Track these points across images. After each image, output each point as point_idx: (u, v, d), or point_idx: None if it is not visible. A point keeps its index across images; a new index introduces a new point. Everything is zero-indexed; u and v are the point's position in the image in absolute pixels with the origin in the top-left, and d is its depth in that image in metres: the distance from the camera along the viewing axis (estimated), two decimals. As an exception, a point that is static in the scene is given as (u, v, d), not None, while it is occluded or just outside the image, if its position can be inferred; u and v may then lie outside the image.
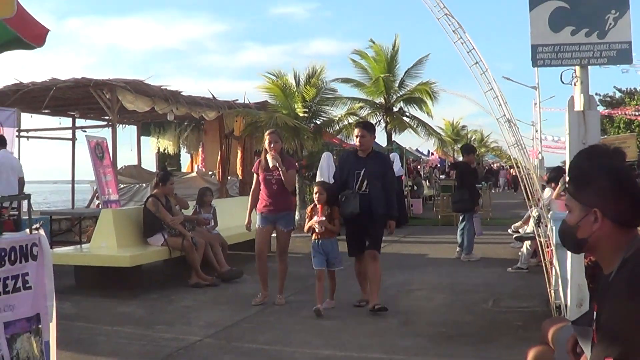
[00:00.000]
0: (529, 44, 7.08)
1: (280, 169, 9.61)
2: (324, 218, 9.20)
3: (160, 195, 11.72)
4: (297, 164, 10.10)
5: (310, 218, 9.42)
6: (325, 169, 19.04)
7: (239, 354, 7.26)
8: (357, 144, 9.55)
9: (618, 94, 53.15)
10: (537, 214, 9.37)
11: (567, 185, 3.13)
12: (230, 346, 7.52)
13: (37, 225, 5.35)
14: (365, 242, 9.27)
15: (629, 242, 2.79)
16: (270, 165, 9.68)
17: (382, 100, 29.73)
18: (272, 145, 9.73)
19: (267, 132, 10.20)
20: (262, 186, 9.87)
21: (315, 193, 9.45)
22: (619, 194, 2.79)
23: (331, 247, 9.28)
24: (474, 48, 8.58)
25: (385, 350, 7.28)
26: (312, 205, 9.70)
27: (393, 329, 8.25)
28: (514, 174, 52.09)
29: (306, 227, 9.60)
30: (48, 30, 5.67)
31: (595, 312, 2.80)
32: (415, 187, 30.53)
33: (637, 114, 36.65)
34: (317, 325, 8.36)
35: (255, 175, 10.12)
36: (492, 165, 70.16)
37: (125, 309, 9.43)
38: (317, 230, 9.22)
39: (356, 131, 9.68)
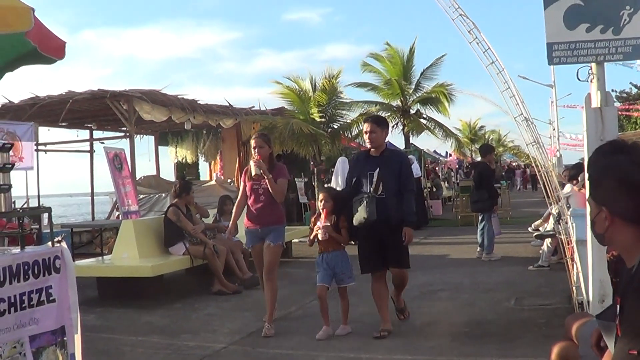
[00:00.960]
0: (543, 43, 7.06)
1: (266, 177, 8.46)
2: (328, 224, 8.17)
3: (180, 205, 11.78)
4: (288, 173, 9.13)
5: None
6: (341, 175, 19.05)
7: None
8: (367, 140, 8.39)
9: (634, 90, 52.87)
10: (557, 211, 9.37)
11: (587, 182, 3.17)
12: (256, 352, 7.56)
13: (59, 238, 5.40)
14: (383, 256, 8.11)
15: None
16: (253, 173, 8.56)
17: (399, 103, 29.81)
18: (256, 151, 8.63)
19: (254, 135, 9.06)
20: (249, 197, 8.73)
21: (321, 200, 8.43)
22: (625, 193, 2.78)
23: (338, 261, 8.24)
24: (489, 48, 8.61)
25: (410, 351, 7.29)
26: (316, 214, 8.64)
27: (417, 330, 8.26)
28: (532, 172, 52.05)
29: (310, 238, 8.54)
30: (65, 43, 5.70)
31: (618, 306, 2.80)
32: (434, 189, 30.51)
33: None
34: (340, 329, 8.37)
35: (242, 184, 8.98)
36: (512, 165, 69.91)
37: (149, 319, 9.49)
38: (319, 237, 8.22)
39: (365, 126, 8.47)
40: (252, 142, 8.74)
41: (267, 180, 8.47)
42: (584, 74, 7.06)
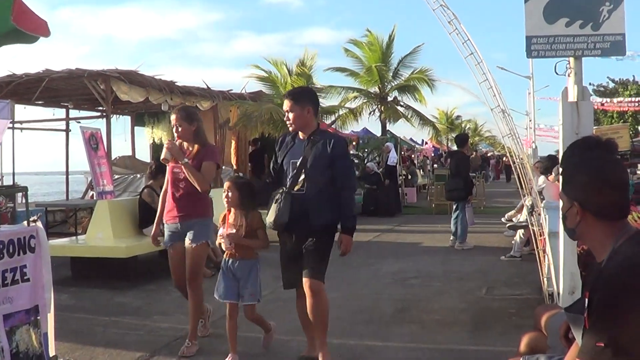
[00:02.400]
0: (523, 35, 7.13)
1: (180, 162, 6.92)
2: (233, 231, 6.57)
3: (155, 186, 11.75)
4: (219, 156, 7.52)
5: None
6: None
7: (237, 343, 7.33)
8: (287, 121, 6.47)
9: (611, 84, 53.27)
10: (530, 202, 9.45)
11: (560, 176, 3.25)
12: (227, 335, 7.59)
13: (35, 218, 5.41)
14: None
15: (617, 232, 2.87)
16: (162, 157, 7.07)
17: (377, 90, 29.90)
18: (174, 130, 7.23)
19: (173, 110, 7.61)
20: (169, 183, 7.21)
21: (224, 191, 6.70)
22: (596, 190, 2.87)
23: (244, 272, 6.69)
24: (469, 39, 8.66)
25: (382, 338, 7.37)
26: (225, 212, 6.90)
27: (389, 317, 8.34)
28: (507, 162, 52.35)
29: (217, 242, 6.85)
30: (46, 22, 5.68)
31: (587, 299, 2.87)
32: (410, 176, 30.63)
33: (630, 104, 36.87)
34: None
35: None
36: (486, 155, 70.36)
37: (122, 300, 9.50)
38: (223, 248, 6.69)
39: (284, 105, 6.49)
40: (172, 118, 7.27)
41: (182, 166, 6.95)
42: (562, 68, 7.13)
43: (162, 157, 7.04)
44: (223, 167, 21.93)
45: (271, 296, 9.43)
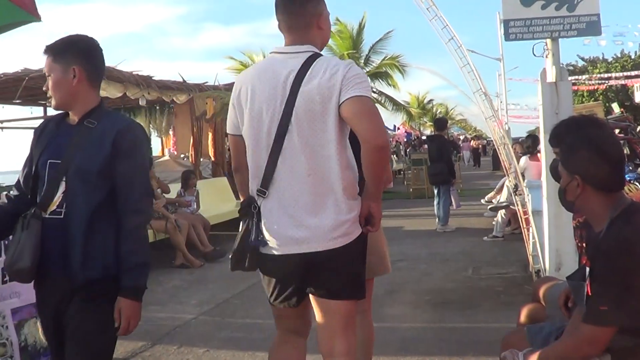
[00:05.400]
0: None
1: None
2: None
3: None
4: None
5: None
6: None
7: (235, 329, 7.47)
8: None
9: (581, 63, 53.69)
10: (514, 183, 9.65)
11: (556, 153, 3.46)
12: (225, 322, 7.74)
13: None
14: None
15: (614, 203, 3.08)
16: None
17: (350, 78, 30.07)
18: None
19: None
20: None
21: None
22: (597, 164, 3.09)
23: None
24: (447, 25, 8.82)
25: (375, 319, 7.44)
26: None
27: (379, 299, 8.43)
28: (474, 146, 52.52)
29: None
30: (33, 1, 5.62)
31: (587, 268, 3.08)
32: (385, 162, 30.75)
33: (599, 82, 37.28)
34: (305, 299, 8.54)
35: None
36: (457, 137, 70.76)
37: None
38: None
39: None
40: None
41: None
42: (540, 49, 7.33)
43: None
44: (202, 160, 22.07)
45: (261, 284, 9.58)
